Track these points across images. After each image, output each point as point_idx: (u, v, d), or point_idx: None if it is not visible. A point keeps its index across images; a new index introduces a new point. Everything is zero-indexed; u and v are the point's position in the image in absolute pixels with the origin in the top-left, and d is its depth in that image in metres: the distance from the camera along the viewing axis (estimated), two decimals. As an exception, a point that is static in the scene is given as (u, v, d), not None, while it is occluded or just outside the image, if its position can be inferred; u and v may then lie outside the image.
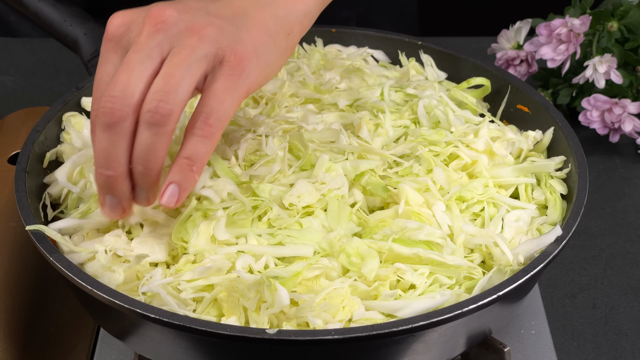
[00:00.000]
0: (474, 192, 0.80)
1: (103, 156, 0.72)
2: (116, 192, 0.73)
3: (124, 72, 0.70)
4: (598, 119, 1.09)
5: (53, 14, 1.00)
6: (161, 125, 0.70)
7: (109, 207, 0.74)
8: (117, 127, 0.71)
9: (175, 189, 0.73)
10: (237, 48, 0.72)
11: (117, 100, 0.70)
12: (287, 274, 0.71)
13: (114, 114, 0.70)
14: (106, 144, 0.71)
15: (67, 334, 0.87)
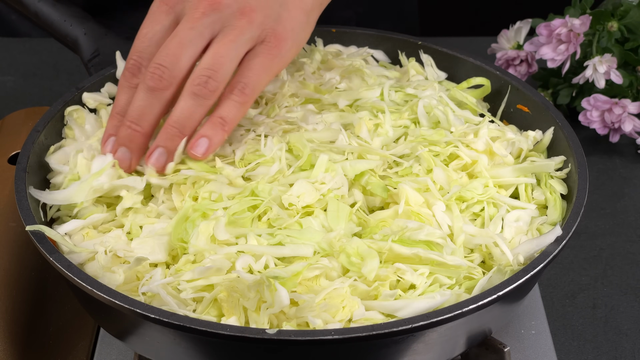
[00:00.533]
0: (474, 192, 0.80)
1: (138, 114, 0.79)
2: (133, 147, 0.80)
3: (177, 46, 0.78)
4: (598, 119, 1.09)
5: (53, 14, 1.00)
6: (206, 98, 0.78)
7: (122, 159, 0.81)
8: (160, 93, 0.79)
9: (206, 142, 0.80)
10: (278, 30, 0.80)
11: (165, 70, 0.78)
12: (287, 274, 0.71)
13: (161, 82, 0.78)
14: (144, 103, 0.79)
15: (67, 334, 0.87)
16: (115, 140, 0.81)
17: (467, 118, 0.89)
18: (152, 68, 0.78)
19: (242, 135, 0.86)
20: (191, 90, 0.78)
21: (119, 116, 0.81)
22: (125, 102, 0.81)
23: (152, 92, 0.79)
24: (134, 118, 0.79)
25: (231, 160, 0.83)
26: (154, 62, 0.78)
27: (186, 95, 0.79)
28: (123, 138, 0.80)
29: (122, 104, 0.81)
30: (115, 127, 0.82)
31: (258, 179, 0.81)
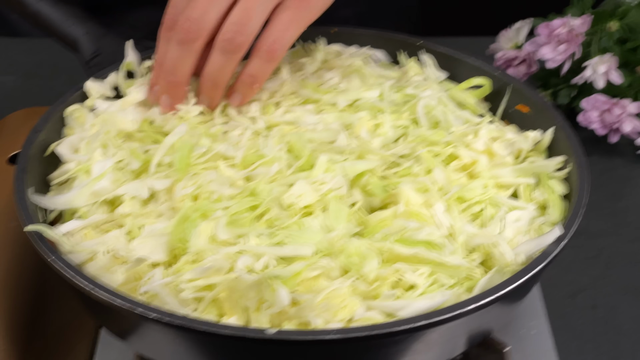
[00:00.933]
0: (473, 192, 0.80)
1: (172, 65, 0.85)
2: (172, 95, 0.87)
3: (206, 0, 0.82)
4: (597, 119, 1.09)
5: (53, 14, 1.00)
6: (234, 53, 0.82)
7: (163, 104, 0.87)
8: (190, 45, 0.83)
9: (239, 95, 0.87)
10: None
11: (194, 23, 0.82)
12: (287, 274, 0.71)
13: (190, 34, 0.82)
14: (176, 55, 0.84)
15: (67, 334, 0.87)
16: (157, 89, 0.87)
17: (467, 118, 0.89)
18: (181, 21, 0.82)
19: (240, 135, 0.86)
20: (219, 45, 0.82)
21: (159, 67, 0.87)
22: (163, 54, 0.86)
23: (182, 45, 0.83)
24: (169, 70, 0.85)
25: (232, 162, 0.83)
26: (183, 16, 0.82)
27: (215, 51, 0.83)
28: (163, 88, 0.86)
29: (161, 56, 0.86)
30: (156, 77, 0.87)
31: (258, 179, 0.81)
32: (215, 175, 0.80)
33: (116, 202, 0.81)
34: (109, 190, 0.81)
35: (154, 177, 0.82)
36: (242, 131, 0.87)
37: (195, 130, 0.87)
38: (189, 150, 0.82)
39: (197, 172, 0.81)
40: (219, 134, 0.87)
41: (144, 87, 0.92)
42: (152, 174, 0.82)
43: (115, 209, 0.81)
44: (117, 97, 0.95)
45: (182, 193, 0.79)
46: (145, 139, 0.87)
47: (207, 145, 0.84)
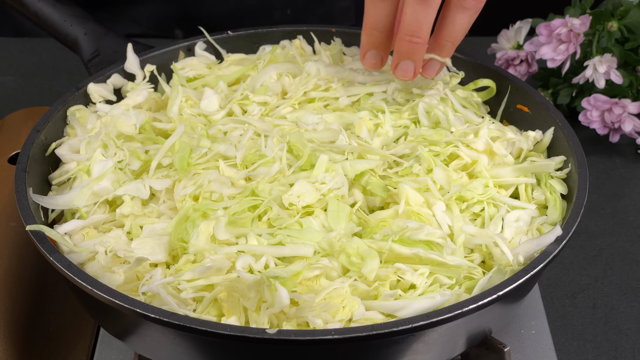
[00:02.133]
0: (474, 192, 0.80)
1: (417, 25, 0.81)
2: (417, 58, 0.83)
3: None
4: (598, 119, 1.09)
5: (53, 14, 1.00)
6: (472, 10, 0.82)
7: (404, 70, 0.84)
8: (432, 2, 0.80)
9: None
10: None
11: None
12: (287, 274, 0.71)
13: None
14: (420, 15, 0.80)
15: (67, 334, 0.87)
16: (397, 56, 0.84)
17: (468, 118, 0.89)
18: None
19: (241, 135, 0.86)
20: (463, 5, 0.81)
21: (376, 31, 0.84)
22: (380, 15, 0.83)
23: (427, 2, 0.80)
24: (413, 31, 0.81)
25: (233, 162, 0.83)
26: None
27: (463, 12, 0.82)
28: (405, 52, 0.83)
29: (376, 17, 0.83)
30: (373, 42, 0.85)
31: (258, 179, 0.81)
32: (216, 175, 0.80)
33: (116, 202, 0.81)
34: (109, 190, 0.81)
35: (154, 177, 0.82)
36: (243, 131, 0.86)
37: (196, 131, 0.87)
38: (189, 151, 0.82)
39: (197, 172, 0.81)
40: (219, 134, 0.87)
41: (144, 90, 0.92)
42: (152, 174, 0.82)
43: (115, 209, 0.81)
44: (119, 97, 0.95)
45: (182, 193, 0.79)
46: (146, 140, 0.87)
47: (207, 145, 0.84)
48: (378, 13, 0.83)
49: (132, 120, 0.88)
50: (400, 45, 0.83)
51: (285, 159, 0.82)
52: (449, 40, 0.84)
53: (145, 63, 0.97)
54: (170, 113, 0.89)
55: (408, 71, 0.84)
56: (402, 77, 0.85)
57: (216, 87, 0.94)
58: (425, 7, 0.80)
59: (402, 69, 0.84)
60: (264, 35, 1.01)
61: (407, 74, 0.85)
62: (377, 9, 0.83)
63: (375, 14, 0.83)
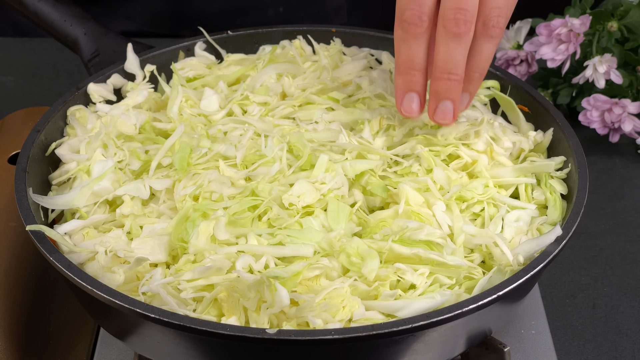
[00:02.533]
0: (473, 192, 0.80)
1: (453, 62, 0.78)
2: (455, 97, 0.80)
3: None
4: (598, 119, 1.09)
5: (53, 14, 1.00)
6: (497, 38, 0.79)
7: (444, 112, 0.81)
8: (467, 36, 0.78)
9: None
10: None
11: (467, 13, 0.77)
12: (287, 274, 0.71)
13: (467, 25, 0.77)
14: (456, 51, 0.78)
15: (67, 334, 0.87)
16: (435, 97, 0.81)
17: (469, 117, 0.89)
18: (454, 13, 0.77)
19: (241, 135, 0.86)
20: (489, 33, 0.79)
21: (414, 71, 0.80)
22: (414, 55, 0.80)
23: (460, 38, 0.77)
24: (450, 69, 0.79)
25: (233, 162, 0.83)
26: (455, 7, 0.77)
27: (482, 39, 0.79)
28: (444, 91, 0.80)
29: (412, 56, 0.80)
30: (410, 82, 0.81)
31: (258, 179, 0.81)
32: (216, 175, 0.80)
33: (116, 202, 0.81)
34: (109, 190, 0.81)
35: (154, 177, 0.82)
36: (243, 131, 0.86)
37: (196, 131, 0.87)
38: (189, 151, 0.82)
39: (197, 172, 0.81)
40: (219, 134, 0.87)
41: (144, 90, 0.92)
42: (152, 174, 0.82)
43: (115, 209, 0.81)
44: (119, 97, 0.95)
45: (182, 193, 0.79)
46: (146, 140, 0.87)
47: (207, 145, 0.84)
48: (413, 52, 0.79)
49: (132, 120, 0.88)
50: (438, 85, 0.80)
51: (285, 159, 0.82)
52: (477, 72, 0.81)
53: (145, 63, 0.97)
54: (170, 113, 0.89)
55: (448, 113, 0.81)
56: (441, 121, 0.81)
57: (216, 87, 0.94)
58: (459, 42, 0.78)
59: (442, 112, 0.81)
60: (263, 35, 1.01)
61: (446, 116, 0.81)
62: (411, 47, 0.79)
63: (410, 53, 0.80)
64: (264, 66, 0.95)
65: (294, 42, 1.00)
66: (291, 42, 0.99)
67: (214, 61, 0.99)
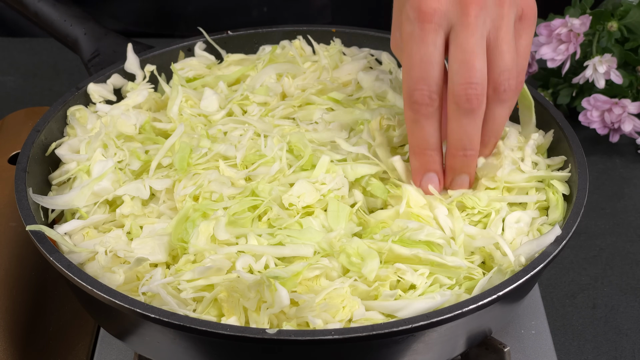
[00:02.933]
0: (476, 202, 0.80)
1: (468, 139, 0.77)
2: (472, 171, 0.80)
3: (473, 58, 0.75)
4: (598, 119, 1.09)
5: (53, 14, 1.00)
6: (510, 101, 0.78)
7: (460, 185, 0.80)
8: (480, 111, 0.76)
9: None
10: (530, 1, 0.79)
11: (478, 87, 0.75)
12: (287, 274, 0.71)
13: (478, 100, 0.75)
14: (470, 127, 0.77)
15: (67, 334, 0.87)
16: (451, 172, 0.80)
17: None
18: (465, 89, 0.75)
19: (241, 135, 0.86)
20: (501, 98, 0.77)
21: (429, 151, 0.79)
22: (428, 135, 0.78)
23: (474, 114, 0.76)
24: (465, 145, 0.78)
25: (233, 162, 0.83)
26: (465, 83, 0.75)
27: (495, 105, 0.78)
28: (460, 167, 0.79)
29: (425, 137, 0.78)
30: (427, 163, 0.80)
31: (258, 179, 0.81)
32: (216, 175, 0.80)
33: (116, 202, 0.81)
34: (109, 190, 0.81)
35: (154, 177, 0.82)
36: (243, 132, 0.86)
37: (196, 131, 0.87)
38: (189, 151, 0.82)
39: (197, 172, 0.81)
40: (219, 134, 0.87)
41: (144, 90, 0.92)
42: (152, 174, 0.82)
43: (115, 209, 0.81)
44: (119, 97, 0.95)
45: (182, 193, 0.79)
46: (146, 140, 0.87)
47: (207, 146, 0.84)
48: (426, 132, 0.78)
49: (132, 120, 0.88)
50: (454, 162, 0.79)
51: (285, 158, 0.82)
52: (492, 136, 0.80)
53: (145, 63, 0.97)
54: (170, 113, 0.89)
55: (464, 184, 0.81)
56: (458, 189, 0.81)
57: (216, 88, 0.94)
58: (472, 118, 0.76)
59: (459, 184, 0.81)
60: (263, 36, 1.01)
61: (463, 186, 0.81)
62: (424, 128, 0.78)
63: (423, 134, 0.78)
64: (263, 66, 0.95)
65: (294, 42, 1.00)
66: (291, 42, 0.99)
67: (213, 61, 0.99)
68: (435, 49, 0.76)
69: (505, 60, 0.76)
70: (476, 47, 0.75)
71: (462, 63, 0.75)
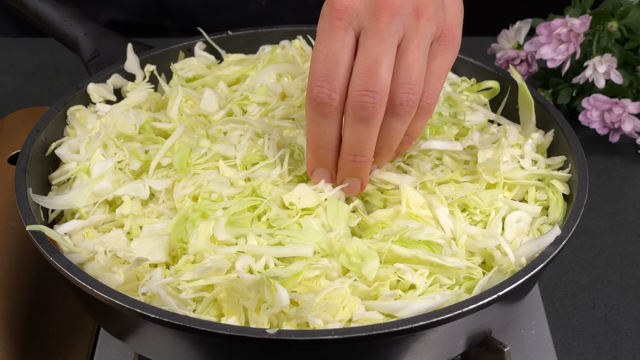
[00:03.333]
0: (477, 203, 0.80)
1: (361, 146, 0.76)
2: (364, 176, 0.79)
3: (376, 65, 0.73)
4: (598, 119, 1.09)
5: (53, 14, 1.00)
6: (406, 116, 0.75)
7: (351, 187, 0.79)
8: (376, 119, 0.74)
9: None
10: (448, 21, 0.76)
11: (376, 95, 0.73)
12: (287, 274, 0.71)
13: (374, 109, 0.73)
14: (364, 135, 0.75)
15: (67, 334, 0.87)
16: (341, 174, 0.79)
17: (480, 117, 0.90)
18: (362, 95, 0.73)
19: (241, 136, 0.86)
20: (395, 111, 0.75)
21: (322, 150, 0.78)
22: (324, 134, 0.77)
23: (367, 122, 0.74)
24: (356, 151, 0.76)
25: (233, 162, 0.83)
26: (363, 90, 0.73)
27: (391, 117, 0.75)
28: (350, 171, 0.78)
29: (321, 135, 0.77)
30: (320, 160, 0.79)
31: (258, 180, 0.81)
32: (215, 175, 0.80)
33: (116, 202, 0.81)
34: (109, 190, 0.81)
35: (153, 177, 0.82)
36: (243, 132, 0.86)
37: (195, 131, 0.87)
38: (188, 151, 0.82)
39: (196, 172, 0.81)
40: (219, 134, 0.87)
41: (144, 90, 0.92)
42: (152, 174, 0.82)
43: (115, 209, 0.81)
44: (119, 97, 0.95)
45: (182, 193, 0.79)
46: (146, 140, 0.87)
47: (207, 146, 0.84)
48: (322, 131, 0.76)
49: (132, 120, 0.88)
50: (345, 165, 0.78)
51: (287, 163, 0.82)
52: (384, 147, 0.78)
53: (145, 63, 0.97)
54: (170, 113, 0.89)
55: (354, 188, 0.79)
56: (348, 193, 0.80)
57: (216, 88, 0.94)
58: (366, 126, 0.74)
59: (349, 187, 0.79)
60: (263, 35, 1.01)
61: (353, 190, 0.80)
62: (320, 127, 0.76)
63: (319, 132, 0.76)
64: (263, 66, 0.95)
65: (294, 42, 1.00)
66: (291, 42, 0.99)
67: (213, 61, 0.99)
68: (342, 47, 0.74)
69: (410, 74, 0.74)
70: (382, 55, 0.73)
71: (365, 69, 0.73)
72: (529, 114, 0.88)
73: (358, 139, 0.75)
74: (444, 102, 0.91)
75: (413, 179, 0.82)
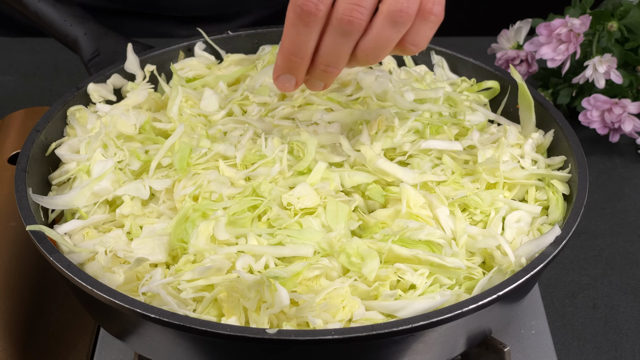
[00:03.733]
0: (478, 203, 0.80)
1: (335, 57, 0.76)
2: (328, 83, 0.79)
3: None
4: (598, 119, 1.09)
5: (53, 14, 1.00)
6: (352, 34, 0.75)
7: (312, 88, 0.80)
8: (356, 34, 0.75)
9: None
10: None
11: (365, 11, 0.74)
12: (287, 274, 0.71)
13: (361, 25, 0.74)
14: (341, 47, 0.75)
15: (67, 334, 0.87)
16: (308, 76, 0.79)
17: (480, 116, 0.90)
18: (350, 10, 0.74)
19: (241, 135, 0.86)
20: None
21: (295, 57, 0.77)
22: (302, 43, 0.76)
23: (352, 36, 0.75)
24: (332, 62, 0.77)
25: (233, 162, 0.83)
26: (353, 3, 0.74)
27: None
28: (319, 78, 0.78)
29: (297, 43, 0.76)
30: (290, 68, 0.78)
31: (259, 179, 0.81)
32: (216, 175, 0.80)
33: (116, 202, 0.81)
34: (109, 190, 0.81)
35: (154, 177, 0.82)
36: (243, 132, 0.86)
37: (195, 131, 0.87)
38: (189, 151, 0.82)
39: (197, 172, 0.81)
40: (219, 134, 0.87)
41: (144, 90, 0.92)
42: (152, 174, 0.82)
43: (115, 209, 0.81)
44: (119, 97, 0.95)
45: (182, 193, 0.79)
46: (146, 140, 0.87)
47: (207, 145, 0.84)
48: (300, 39, 0.76)
49: (132, 120, 0.88)
50: (314, 72, 0.78)
51: (286, 160, 0.82)
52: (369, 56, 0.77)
53: (145, 63, 0.97)
54: (170, 113, 0.89)
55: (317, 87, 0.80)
56: (310, 89, 0.81)
57: (216, 88, 0.94)
58: (348, 40, 0.75)
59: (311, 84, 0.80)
60: (263, 35, 1.02)
61: (315, 88, 0.80)
62: (299, 35, 0.76)
63: (297, 40, 0.76)
64: (263, 66, 0.95)
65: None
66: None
67: (213, 61, 0.99)
68: None
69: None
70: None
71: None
72: (529, 114, 0.88)
73: (335, 51, 0.76)
74: (444, 102, 0.91)
75: (414, 174, 0.81)
